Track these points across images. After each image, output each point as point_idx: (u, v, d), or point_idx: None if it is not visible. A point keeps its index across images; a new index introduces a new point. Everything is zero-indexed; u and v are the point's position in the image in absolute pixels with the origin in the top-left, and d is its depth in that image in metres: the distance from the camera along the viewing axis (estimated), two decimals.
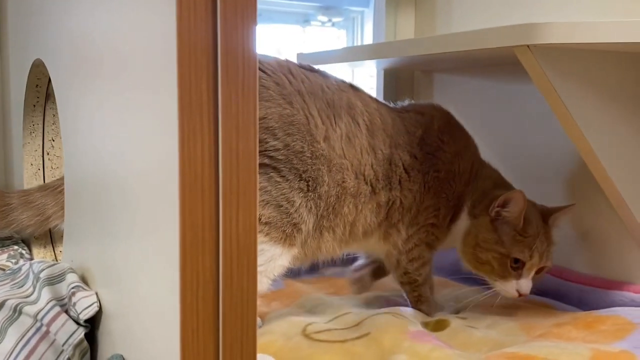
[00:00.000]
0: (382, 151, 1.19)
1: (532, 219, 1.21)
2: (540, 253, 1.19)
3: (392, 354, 1.03)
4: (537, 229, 1.20)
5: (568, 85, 1.04)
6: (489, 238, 1.20)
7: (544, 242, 1.20)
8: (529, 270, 1.19)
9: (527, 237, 1.18)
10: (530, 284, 1.20)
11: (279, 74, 1.11)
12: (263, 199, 1.06)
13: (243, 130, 0.54)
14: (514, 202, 1.17)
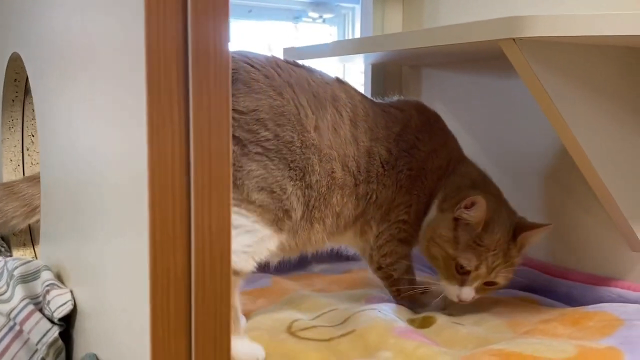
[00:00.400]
0: (363, 143, 1.19)
1: (496, 230, 1.14)
2: (489, 267, 1.13)
3: (377, 351, 1.01)
4: (497, 242, 1.14)
5: (554, 79, 1.03)
6: (444, 235, 1.16)
7: (498, 257, 1.14)
8: (473, 280, 1.15)
9: (481, 247, 1.13)
10: (472, 293, 1.15)
11: (268, 68, 1.12)
12: (259, 185, 1.07)
13: (215, 124, 0.52)
14: (477, 207, 1.13)
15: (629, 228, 1.20)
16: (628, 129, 1.17)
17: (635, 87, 1.16)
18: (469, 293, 1.16)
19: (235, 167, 1.06)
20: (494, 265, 1.14)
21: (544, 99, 1.04)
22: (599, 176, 1.12)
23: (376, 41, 1.39)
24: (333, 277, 1.51)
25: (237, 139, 1.07)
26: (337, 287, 1.43)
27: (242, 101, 1.07)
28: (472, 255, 1.14)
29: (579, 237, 1.35)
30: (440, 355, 0.98)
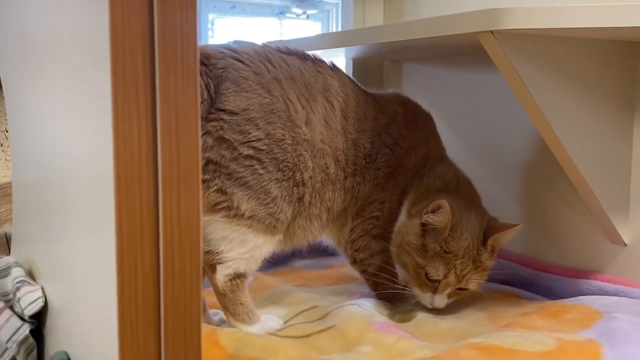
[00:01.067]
0: (350, 135, 1.18)
1: (463, 237, 1.12)
2: (458, 275, 1.12)
3: (356, 346, 1.01)
4: (465, 249, 1.11)
5: (532, 72, 1.03)
6: (412, 243, 1.13)
7: (467, 265, 1.12)
8: (444, 288, 1.13)
9: (449, 254, 1.11)
10: (445, 300, 1.14)
11: (257, 63, 1.10)
12: (247, 193, 1.07)
13: (183, 113, 0.51)
14: (442, 211, 1.10)
15: (609, 221, 1.20)
16: (607, 122, 1.17)
17: (614, 79, 1.17)
18: (442, 300, 1.15)
19: (225, 174, 1.06)
20: (463, 273, 1.13)
21: (523, 92, 1.04)
22: (578, 170, 1.12)
23: (355, 35, 1.38)
24: (315, 273, 1.50)
25: (228, 141, 1.05)
26: (319, 282, 1.42)
27: (232, 100, 1.05)
28: (440, 264, 1.11)
29: (560, 230, 1.35)
30: (419, 349, 0.98)
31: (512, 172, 1.46)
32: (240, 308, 1.11)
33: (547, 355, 0.89)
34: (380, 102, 1.26)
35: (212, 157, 1.05)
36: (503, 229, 1.14)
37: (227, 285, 1.11)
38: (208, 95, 1.05)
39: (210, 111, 1.05)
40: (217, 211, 1.07)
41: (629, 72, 1.18)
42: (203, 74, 1.06)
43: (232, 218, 1.07)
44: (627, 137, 1.20)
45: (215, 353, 1.02)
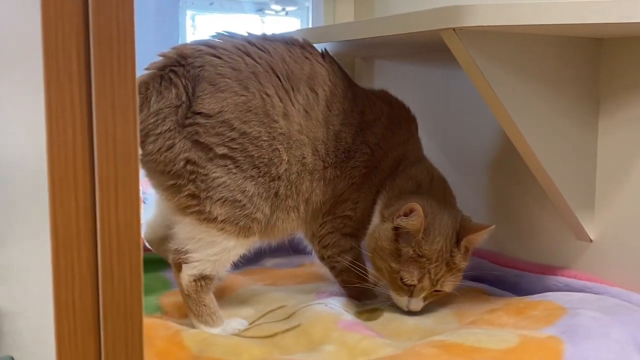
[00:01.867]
0: (333, 126, 1.17)
1: (436, 240, 1.11)
2: (432, 279, 1.11)
3: (321, 345, 1.01)
4: (439, 253, 1.10)
5: (495, 69, 1.03)
6: (386, 248, 1.12)
7: (441, 269, 1.11)
8: (419, 292, 1.13)
9: (422, 258, 1.10)
10: (420, 303, 1.14)
11: (235, 58, 1.09)
12: (222, 196, 1.06)
13: (120, 110, 0.49)
14: (414, 214, 1.08)
15: (574, 217, 1.20)
16: (571, 118, 1.17)
17: (578, 76, 1.17)
18: (418, 304, 1.15)
19: (200, 175, 1.05)
20: (437, 277, 1.12)
21: (486, 90, 1.04)
22: (543, 167, 1.13)
23: (320, 32, 1.37)
24: (285, 272, 1.49)
25: (203, 144, 1.05)
26: (289, 281, 1.41)
27: (207, 103, 1.04)
28: (414, 269, 1.10)
29: (527, 227, 1.36)
30: (383, 348, 0.97)
31: (480, 169, 1.46)
32: (204, 309, 1.09)
33: (508, 353, 0.89)
34: (369, 97, 1.24)
35: (191, 157, 1.05)
36: (476, 230, 1.13)
37: (191, 286, 1.09)
38: (186, 97, 1.05)
39: (187, 115, 1.04)
40: (187, 214, 1.07)
41: (593, 68, 1.19)
42: (181, 75, 1.05)
43: (202, 221, 1.06)
44: (592, 134, 1.20)
45: (179, 354, 1.01)
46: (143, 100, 1.03)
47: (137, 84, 1.05)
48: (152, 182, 1.10)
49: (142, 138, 1.04)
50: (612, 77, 1.18)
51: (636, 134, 1.15)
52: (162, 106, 1.04)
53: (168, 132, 1.04)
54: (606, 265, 1.22)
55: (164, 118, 1.03)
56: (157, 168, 1.06)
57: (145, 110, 1.03)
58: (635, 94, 1.14)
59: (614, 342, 0.94)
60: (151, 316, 1.17)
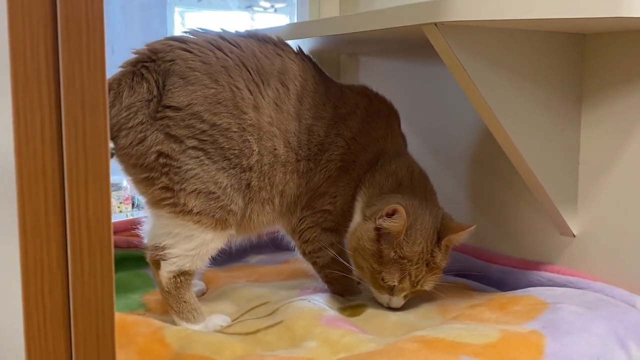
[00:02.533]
0: (305, 120, 1.17)
1: (418, 241, 1.10)
2: (412, 281, 1.11)
3: (303, 341, 1.00)
4: (420, 254, 1.10)
5: (477, 64, 1.03)
6: (368, 248, 1.12)
7: (421, 270, 1.11)
8: (400, 291, 1.13)
9: (403, 260, 1.10)
10: (401, 301, 1.15)
11: (206, 52, 1.10)
12: (195, 187, 1.07)
13: (90, 105, 0.49)
14: (397, 216, 1.08)
15: (557, 212, 1.21)
16: (554, 113, 1.17)
17: (560, 71, 1.17)
18: (398, 301, 1.15)
19: (173, 168, 1.05)
20: (418, 278, 1.12)
21: (468, 85, 1.04)
22: (526, 162, 1.13)
23: (300, 27, 1.36)
24: (269, 268, 1.49)
25: (175, 137, 1.05)
26: (273, 278, 1.41)
27: (177, 97, 1.05)
28: (395, 270, 1.10)
29: (510, 222, 1.36)
30: (365, 343, 0.97)
31: (464, 165, 1.47)
32: (184, 306, 1.09)
33: (489, 347, 0.89)
34: (344, 92, 1.24)
35: (163, 149, 1.05)
36: (457, 230, 1.13)
37: (170, 283, 1.09)
38: (157, 91, 1.06)
39: (158, 109, 1.05)
40: (162, 207, 1.07)
41: (576, 63, 1.19)
42: (152, 70, 1.06)
43: (177, 214, 1.06)
44: (575, 129, 1.21)
45: (161, 351, 1.00)
46: (115, 95, 1.04)
47: (110, 81, 1.08)
48: (127, 176, 1.10)
49: (115, 133, 1.05)
50: (595, 73, 1.18)
51: (619, 129, 1.15)
52: (134, 100, 1.05)
53: (140, 125, 1.04)
54: (589, 260, 1.22)
55: (136, 112, 1.04)
56: (130, 161, 1.07)
57: (117, 105, 1.04)
58: (619, 89, 1.15)
59: (595, 337, 0.94)
60: (134, 313, 1.16)
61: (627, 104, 1.13)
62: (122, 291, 1.30)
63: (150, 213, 1.11)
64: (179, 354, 0.98)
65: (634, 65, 1.12)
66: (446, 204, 1.24)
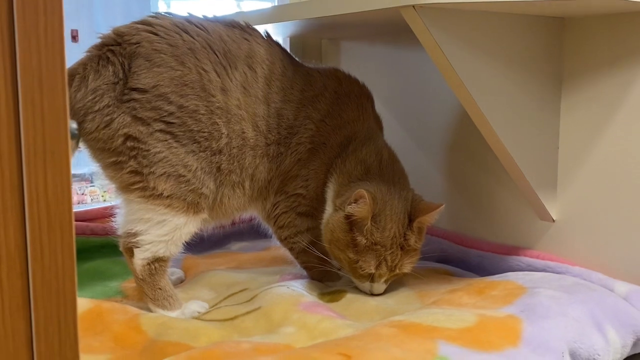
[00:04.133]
0: (274, 103, 1.16)
1: (388, 226, 1.09)
2: (389, 265, 1.11)
3: (280, 327, 1.00)
4: (392, 239, 1.10)
5: (455, 47, 1.02)
6: (342, 239, 1.11)
7: (396, 254, 1.11)
8: (379, 277, 1.13)
9: (376, 246, 1.09)
10: (383, 286, 1.15)
11: (172, 34, 1.08)
12: (164, 171, 1.06)
13: (48, 84, 0.47)
14: (361, 201, 1.07)
15: (536, 197, 1.21)
16: (533, 97, 1.17)
17: (540, 54, 1.17)
18: (380, 287, 1.15)
19: (141, 151, 1.04)
20: (394, 262, 1.12)
21: (447, 68, 1.03)
22: (505, 146, 1.12)
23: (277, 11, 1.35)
24: (250, 255, 1.48)
25: (142, 119, 1.04)
26: (253, 264, 1.40)
27: (143, 78, 1.04)
28: (371, 258, 1.10)
29: (490, 207, 1.36)
30: (343, 328, 0.97)
31: (443, 150, 1.46)
32: (160, 293, 1.08)
33: (465, 332, 0.89)
34: (312, 74, 1.23)
35: (130, 132, 1.04)
36: (427, 211, 1.12)
37: (145, 270, 1.08)
38: (123, 74, 1.05)
39: (124, 91, 1.04)
40: (131, 191, 1.06)
41: (556, 47, 1.18)
42: (117, 53, 1.06)
43: (147, 198, 1.05)
44: (554, 113, 1.20)
45: (136, 338, 0.99)
46: (81, 80, 1.03)
47: (76, 65, 1.06)
48: (95, 162, 1.09)
49: (82, 117, 1.04)
50: (574, 56, 1.17)
51: (599, 113, 1.15)
52: (100, 84, 1.04)
53: (106, 108, 1.03)
54: (568, 245, 1.22)
55: (102, 95, 1.03)
56: (97, 146, 1.05)
57: (83, 89, 1.03)
58: (598, 73, 1.14)
59: (572, 320, 0.94)
60: (111, 300, 1.15)
61: (607, 88, 1.13)
62: (100, 278, 1.28)
63: (121, 199, 1.10)
64: (154, 341, 0.97)
65: (613, 49, 1.12)
66: (425, 189, 1.24)
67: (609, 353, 0.93)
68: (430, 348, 0.83)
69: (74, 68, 1.07)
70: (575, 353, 0.90)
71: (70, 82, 1.05)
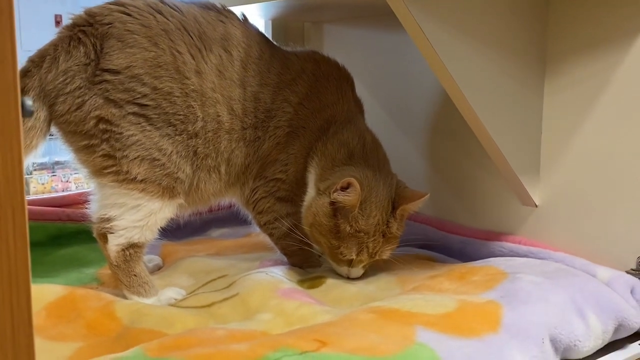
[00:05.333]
0: (250, 87, 1.14)
1: (373, 214, 1.08)
2: (370, 252, 1.10)
3: (257, 313, 0.98)
4: (376, 226, 1.09)
5: (437, 28, 0.99)
6: (325, 224, 1.09)
7: (378, 242, 1.10)
8: (358, 263, 1.12)
9: (359, 233, 1.08)
10: (360, 271, 1.14)
11: (145, 15, 1.06)
12: (138, 154, 1.04)
13: None
14: (351, 189, 1.06)
15: (519, 182, 1.19)
16: (516, 80, 1.15)
17: (523, 35, 1.14)
18: (358, 272, 1.14)
19: (114, 134, 1.02)
20: (375, 250, 1.10)
21: (428, 50, 1.00)
22: (486, 130, 1.10)
23: None
24: (230, 242, 1.46)
25: (114, 101, 1.02)
26: (234, 251, 1.38)
27: (115, 59, 1.02)
28: (353, 244, 1.09)
29: (473, 192, 1.35)
30: (321, 315, 0.95)
31: (426, 134, 1.44)
32: (135, 280, 1.06)
33: (445, 317, 0.87)
34: (289, 58, 1.21)
35: (102, 114, 1.02)
36: (412, 199, 1.11)
37: (119, 256, 1.05)
38: (95, 55, 1.03)
39: (96, 72, 1.02)
40: (104, 175, 1.03)
41: (539, 27, 1.16)
42: (89, 34, 1.03)
43: (121, 182, 1.03)
44: (538, 95, 1.19)
45: (110, 325, 0.97)
46: (52, 61, 1.01)
47: (47, 46, 1.03)
48: (67, 146, 1.07)
49: (53, 99, 1.02)
50: (559, 38, 1.15)
51: (583, 97, 1.13)
52: (71, 65, 1.01)
53: (77, 90, 1.01)
54: (551, 231, 1.21)
55: (73, 76, 1.01)
56: (68, 128, 1.03)
57: (54, 71, 1.01)
58: (583, 54, 1.12)
59: (552, 306, 0.93)
60: (86, 287, 1.12)
61: (591, 70, 1.11)
62: (76, 265, 1.26)
63: (94, 184, 1.07)
64: (128, 328, 0.95)
65: (597, 31, 1.10)
66: (407, 174, 1.22)
67: (590, 339, 0.92)
68: (408, 334, 0.82)
69: (45, 49, 1.04)
70: (556, 339, 0.89)
71: (41, 64, 1.03)
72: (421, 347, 0.79)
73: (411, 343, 0.80)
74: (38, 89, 1.02)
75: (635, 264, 1.08)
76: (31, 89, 1.02)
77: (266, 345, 0.76)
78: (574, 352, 0.91)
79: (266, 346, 0.76)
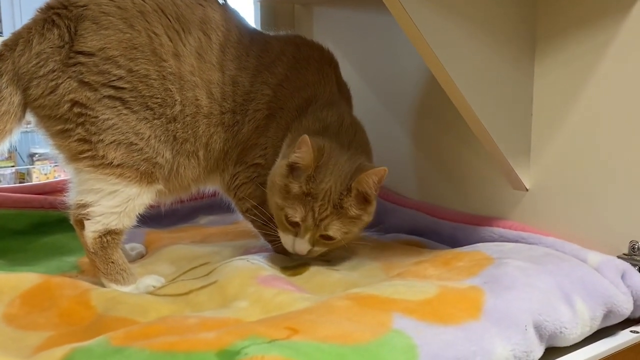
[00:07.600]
0: (229, 70, 1.12)
1: (326, 179, 1.04)
2: (315, 218, 1.04)
3: (234, 301, 0.95)
4: (326, 192, 1.04)
5: (422, 7, 0.95)
6: (277, 183, 1.06)
7: (326, 208, 1.04)
8: (305, 232, 1.06)
9: (307, 197, 1.04)
10: (306, 245, 1.07)
11: None
12: (114, 139, 1.02)
13: None
14: (304, 148, 1.02)
15: (509, 166, 1.16)
16: (505, 61, 1.11)
17: (512, 16, 1.11)
18: (303, 245, 1.07)
19: (89, 118, 1.00)
20: (322, 217, 1.04)
21: (412, 31, 0.96)
22: (475, 113, 1.07)
23: None
24: (217, 229, 1.44)
25: (89, 84, 1.00)
26: (219, 238, 1.36)
27: (89, 41, 1.00)
28: (299, 206, 1.04)
29: (462, 177, 1.31)
30: (299, 302, 0.92)
31: (415, 117, 1.41)
32: (112, 267, 1.03)
33: (424, 304, 0.84)
34: (269, 41, 1.19)
35: (77, 98, 1.00)
36: (364, 170, 1.05)
37: (96, 243, 1.03)
38: (69, 37, 1.00)
39: (70, 55, 1.00)
40: (80, 160, 1.02)
41: (529, 7, 1.12)
42: (63, 17, 1.01)
43: (97, 167, 1.01)
44: (528, 78, 1.15)
45: (84, 314, 0.95)
46: (25, 44, 1.00)
47: (21, 30, 1.01)
48: (42, 131, 1.04)
49: (26, 83, 1.00)
50: (549, 17, 1.12)
51: (573, 78, 1.09)
52: (44, 47, 0.99)
53: (51, 73, 0.99)
54: (542, 215, 1.18)
55: (46, 59, 0.99)
56: (43, 113, 1.01)
57: (27, 54, 0.99)
58: (574, 34, 1.09)
59: (538, 292, 0.89)
60: (65, 275, 1.10)
61: (581, 50, 1.08)
62: (57, 253, 1.24)
63: (70, 170, 1.05)
64: (101, 317, 0.93)
65: (588, 10, 1.06)
66: (395, 158, 1.20)
67: (577, 326, 0.89)
68: (384, 321, 0.79)
69: (19, 32, 1.03)
70: (541, 325, 0.85)
71: (14, 47, 1.01)
72: (397, 334, 0.76)
73: (387, 330, 0.77)
74: (12, 73, 1.01)
75: (628, 248, 1.05)
76: (4, 72, 1.01)
77: (234, 334, 0.73)
78: (560, 339, 0.88)
79: (234, 334, 0.73)
